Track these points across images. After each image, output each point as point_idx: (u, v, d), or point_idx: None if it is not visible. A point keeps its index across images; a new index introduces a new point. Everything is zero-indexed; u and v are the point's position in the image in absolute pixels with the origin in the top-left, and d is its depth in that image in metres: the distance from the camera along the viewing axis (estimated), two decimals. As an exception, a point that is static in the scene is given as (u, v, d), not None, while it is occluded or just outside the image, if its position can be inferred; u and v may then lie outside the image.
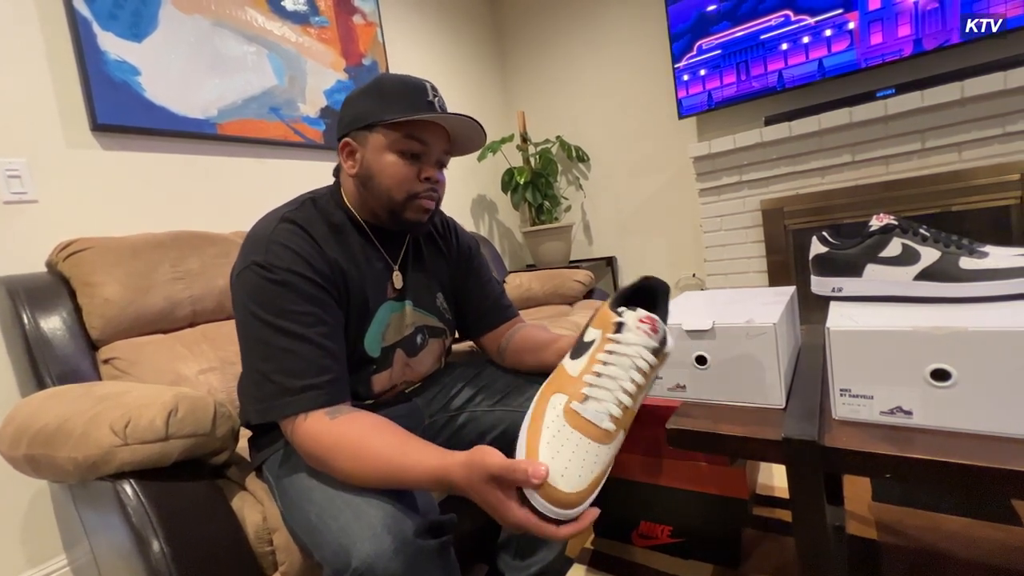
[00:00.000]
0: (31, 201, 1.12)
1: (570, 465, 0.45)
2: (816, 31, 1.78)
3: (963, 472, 0.48)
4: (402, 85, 0.69)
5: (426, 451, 0.54)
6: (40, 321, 0.96)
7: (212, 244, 1.21)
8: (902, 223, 0.67)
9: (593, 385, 0.49)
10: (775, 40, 1.87)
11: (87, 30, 1.20)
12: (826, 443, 0.54)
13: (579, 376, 0.50)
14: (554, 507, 0.44)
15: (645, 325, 0.51)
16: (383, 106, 0.68)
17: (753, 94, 1.94)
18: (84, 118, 1.21)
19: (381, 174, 0.69)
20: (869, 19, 1.70)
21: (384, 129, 0.68)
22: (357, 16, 1.90)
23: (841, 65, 1.76)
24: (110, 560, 0.74)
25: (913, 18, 1.64)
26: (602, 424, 0.47)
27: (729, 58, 1.97)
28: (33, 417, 0.71)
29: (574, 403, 0.48)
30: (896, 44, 1.68)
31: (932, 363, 0.52)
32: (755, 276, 2.04)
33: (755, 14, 1.88)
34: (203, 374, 1.04)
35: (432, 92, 0.70)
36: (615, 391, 0.49)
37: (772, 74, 1.89)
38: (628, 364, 0.49)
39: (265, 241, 0.64)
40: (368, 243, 0.75)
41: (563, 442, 0.46)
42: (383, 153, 0.69)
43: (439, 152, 0.72)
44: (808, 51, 1.81)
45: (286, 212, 0.69)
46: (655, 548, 1.03)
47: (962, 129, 1.59)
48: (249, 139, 1.53)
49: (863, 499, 1.07)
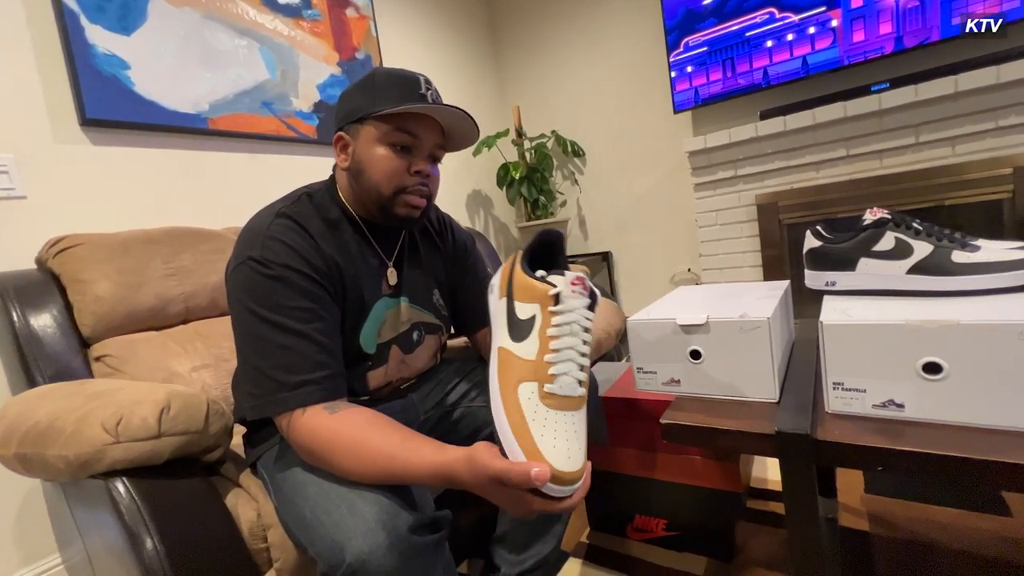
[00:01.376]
0: (19, 197, 1.11)
1: (569, 445, 0.47)
2: (800, 28, 1.81)
3: (954, 464, 0.48)
4: (395, 78, 0.69)
5: (427, 446, 0.55)
6: (30, 319, 0.95)
7: (205, 240, 1.20)
8: (895, 217, 0.67)
9: (556, 363, 0.49)
10: (760, 37, 1.88)
11: (74, 23, 1.18)
12: (819, 436, 0.55)
13: (538, 358, 0.50)
14: (565, 487, 0.46)
15: (577, 286, 0.51)
16: (375, 99, 0.67)
17: (739, 91, 1.95)
18: (73, 113, 1.20)
19: (371, 167, 0.68)
20: (851, 17, 1.72)
21: (375, 121, 0.67)
22: (350, 9, 1.88)
23: (824, 62, 1.79)
24: (104, 559, 0.74)
25: (894, 16, 1.66)
26: (576, 393, 0.49)
27: (715, 55, 1.99)
28: (23, 415, 0.70)
29: (547, 386, 0.48)
30: (878, 42, 1.70)
31: (924, 356, 0.52)
32: (750, 271, 2.05)
33: (740, 11, 1.90)
34: (196, 371, 1.04)
35: (426, 85, 0.69)
36: (575, 359, 0.50)
37: (757, 71, 1.91)
38: (577, 329, 0.50)
39: (261, 236, 0.64)
40: (363, 239, 0.74)
41: (554, 427, 0.47)
42: (374, 146, 0.68)
43: (430, 145, 0.71)
44: (792, 48, 1.84)
45: (282, 207, 0.68)
46: (650, 541, 1.03)
47: (955, 123, 1.60)
48: (241, 134, 1.51)
49: (856, 491, 1.08)
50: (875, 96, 1.65)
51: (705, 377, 0.68)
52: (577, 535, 1.09)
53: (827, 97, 1.77)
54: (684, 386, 0.70)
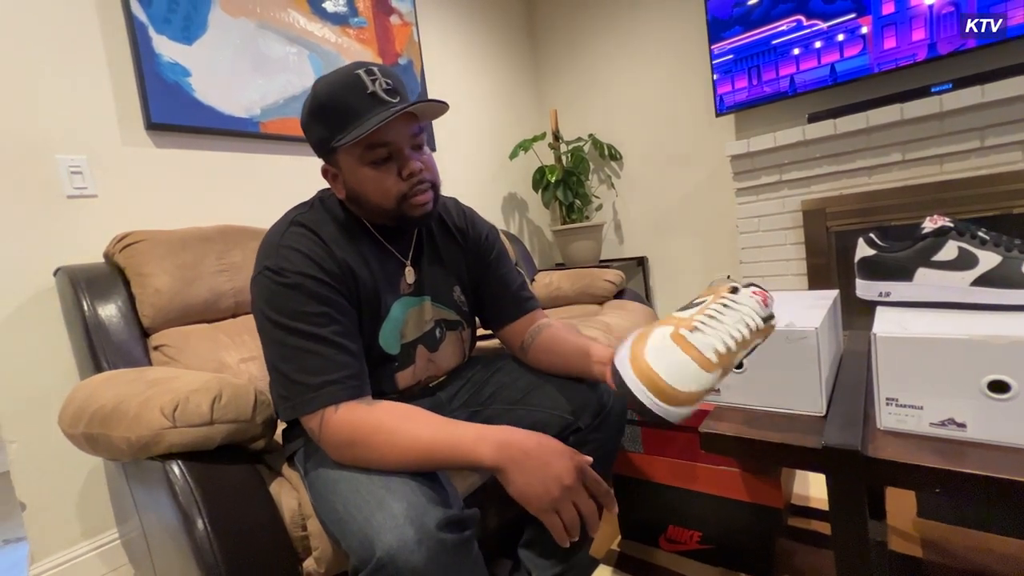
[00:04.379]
0: (91, 196, 1.20)
1: (672, 369, 0.48)
2: (828, 36, 1.77)
3: (1020, 490, 0.45)
4: (338, 93, 0.65)
5: (470, 424, 0.60)
6: (98, 308, 1.02)
7: (254, 238, 1.25)
8: (958, 225, 0.64)
9: (703, 323, 0.52)
10: (788, 44, 1.85)
11: (143, 34, 1.27)
12: (870, 453, 0.52)
13: (690, 318, 0.53)
14: (669, 407, 0.47)
15: (757, 296, 0.55)
16: (331, 127, 0.66)
17: (785, 94, 1.89)
18: (139, 117, 1.28)
19: (365, 191, 0.69)
20: (882, 23, 1.67)
21: (345, 150, 0.66)
22: (394, 16, 1.94)
23: (853, 70, 1.74)
24: (158, 535, 0.78)
25: (928, 22, 1.60)
26: (706, 352, 0.50)
27: (740, 63, 1.97)
28: (91, 398, 0.76)
29: (683, 330, 0.51)
30: (910, 49, 1.64)
31: (990, 374, 0.49)
32: (794, 279, 1.97)
33: (768, 19, 1.87)
34: (244, 363, 1.09)
35: (370, 81, 0.64)
36: (722, 333, 0.51)
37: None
38: (738, 318, 0.53)
39: (276, 246, 0.66)
40: (376, 241, 0.75)
41: (667, 352, 0.50)
42: (357, 170, 0.68)
43: (407, 140, 0.68)
44: (820, 56, 1.80)
45: (296, 215, 0.70)
46: (683, 554, 1.01)
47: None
48: (290, 137, 1.58)
49: (907, 515, 1.02)
50: (936, 98, 1.56)
51: (747, 387, 0.66)
52: (608, 542, 1.08)
53: (882, 99, 1.68)
54: (724, 395, 0.69)
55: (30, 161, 1.11)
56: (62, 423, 0.78)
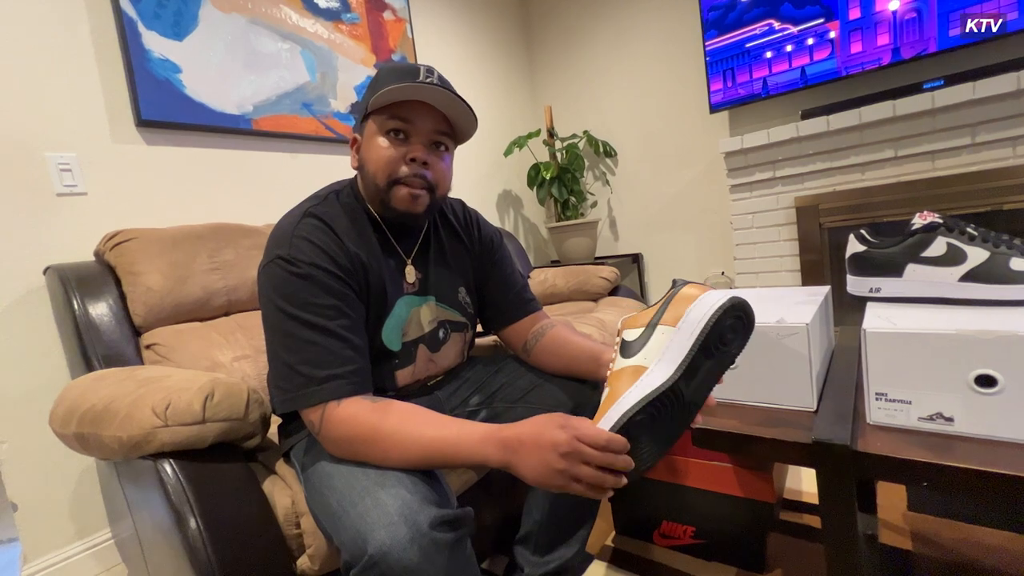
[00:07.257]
0: (80, 193, 1.18)
1: None
2: (799, 40, 1.82)
3: (1007, 483, 0.45)
4: (395, 69, 0.68)
5: (473, 422, 0.60)
6: (89, 307, 1.01)
7: (246, 236, 1.25)
8: (947, 221, 0.64)
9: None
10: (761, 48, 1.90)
11: (132, 29, 1.25)
12: (859, 448, 0.53)
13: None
14: None
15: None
16: (373, 92, 0.68)
17: (781, 89, 1.90)
18: (129, 114, 1.27)
19: (369, 159, 0.70)
20: (849, 28, 1.71)
21: (374, 115, 0.69)
22: (387, 12, 1.92)
23: (822, 73, 1.79)
24: (151, 535, 0.78)
25: (892, 27, 1.65)
26: None
27: (715, 65, 2.02)
28: (82, 398, 0.75)
29: None
30: (875, 53, 1.69)
31: (977, 368, 0.50)
32: (787, 275, 1.98)
33: (740, 23, 1.92)
34: (237, 361, 1.08)
35: (426, 73, 0.67)
36: None
37: (757, 81, 1.93)
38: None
39: (289, 236, 0.66)
40: (383, 236, 0.75)
41: None
42: (374, 138, 0.69)
43: (428, 130, 0.69)
44: (791, 59, 1.85)
45: (310, 207, 0.70)
46: (677, 548, 1.01)
47: (1018, 122, 1.50)
48: (282, 134, 1.57)
49: (898, 508, 1.03)
50: (928, 94, 1.57)
51: (739, 383, 0.67)
52: (602, 538, 1.08)
53: (875, 96, 1.69)
54: (716, 391, 0.69)
55: (19, 159, 1.10)
56: (53, 423, 0.78)
